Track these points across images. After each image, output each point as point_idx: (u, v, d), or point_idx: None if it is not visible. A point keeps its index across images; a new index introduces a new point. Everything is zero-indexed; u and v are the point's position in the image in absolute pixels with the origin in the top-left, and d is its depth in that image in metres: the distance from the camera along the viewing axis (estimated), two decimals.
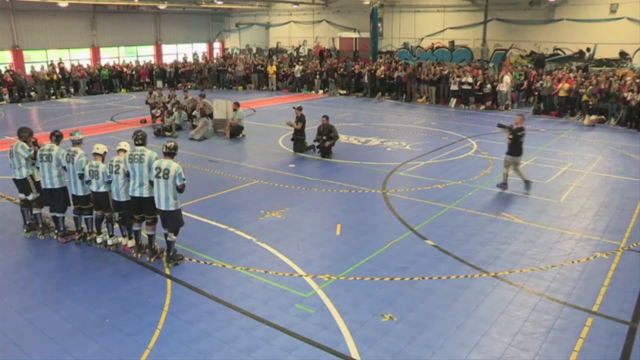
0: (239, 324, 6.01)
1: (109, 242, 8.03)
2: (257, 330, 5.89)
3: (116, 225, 8.11)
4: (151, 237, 7.72)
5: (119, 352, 5.50)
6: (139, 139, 7.56)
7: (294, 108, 14.39)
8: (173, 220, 7.36)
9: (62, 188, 8.16)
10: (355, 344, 5.60)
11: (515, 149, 10.77)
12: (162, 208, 7.28)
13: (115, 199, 7.67)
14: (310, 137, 14.11)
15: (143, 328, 5.93)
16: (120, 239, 8.06)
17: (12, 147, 8.26)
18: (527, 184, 10.80)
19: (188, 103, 18.02)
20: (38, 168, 8.18)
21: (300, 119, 13.99)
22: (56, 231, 8.45)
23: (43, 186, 8.18)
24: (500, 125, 11.27)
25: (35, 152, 8.24)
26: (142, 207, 7.55)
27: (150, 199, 7.42)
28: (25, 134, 8.28)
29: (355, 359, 5.37)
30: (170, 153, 7.32)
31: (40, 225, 8.55)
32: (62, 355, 5.48)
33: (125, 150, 7.68)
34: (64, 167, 8.02)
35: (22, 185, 8.33)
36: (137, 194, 7.46)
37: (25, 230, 8.58)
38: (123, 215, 7.83)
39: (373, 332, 5.81)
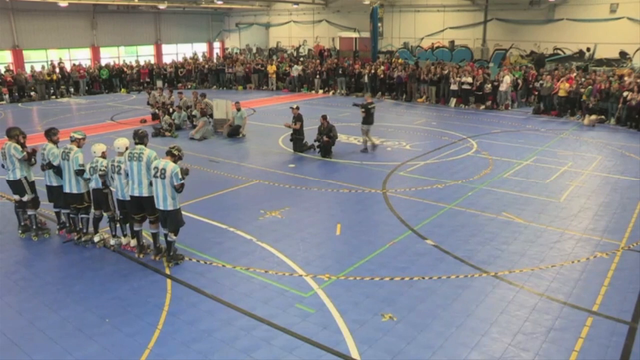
0: (239, 324, 6.01)
1: (111, 241, 8.03)
2: (257, 330, 5.89)
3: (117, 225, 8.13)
4: (155, 236, 7.72)
5: (119, 352, 5.50)
6: (137, 138, 7.55)
7: (291, 108, 14.39)
8: (172, 221, 7.35)
9: (60, 186, 8.16)
10: (355, 344, 5.60)
11: (368, 119, 13.85)
12: (161, 208, 7.27)
13: (120, 198, 7.67)
14: (309, 136, 14.11)
15: (143, 328, 5.93)
16: (122, 239, 8.06)
17: (5, 149, 8.16)
18: (374, 146, 14.22)
19: (184, 103, 18.03)
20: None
21: (298, 119, 13.98)
22: (59, 226, 8.51)
23: (45, 183, 8.29)
24: (355, 104, 14.17)
25: (28, 153, 8.23)
26: (142, 207, 7.54)
27: (151, 198, 7.40)
28: (16, 133, 8.21)
29: (355, 359, 5.37)
30: (172, 154, 7.30)
31: (34, 227, 8.45)
32: (62, 355, 5.48)
33: (104, 156, 7.83)
34: (49, 163, 8.05)
35: (16, 186, 8.26)
36: (136, 194, 7.44)
37: (20, 231, 8.55)
38: (126, 214, 7.83)
39: (373, 332, 5.81)
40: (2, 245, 8.28)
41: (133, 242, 7.95)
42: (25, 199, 8.32)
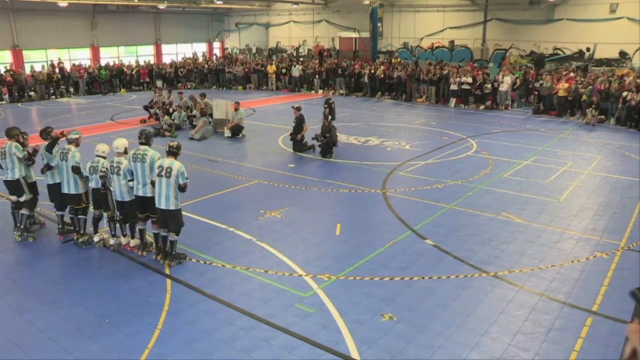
0: (239, 324, 6.01)
1: (111, 242, 8.03)
2: (257, 330, 5.89)
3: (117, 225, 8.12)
4: (157, 236, 7.71)
5: (119, 352, 5.50)
6: (142, 139, 7.57)
7: (293, 108, 14.40)
8: (173, 221, 7.35)
9: (57, 184, 8.17)
10: (355, 344, 5.60)
11: (331, 114, 14.76)
12: (163, 207, 7.25)
13: (119, 199, 7.67)
14: (309, 136, 14.11)
15: (143, 328, 5.93)
16: (122, 239, 8.06)
17: (5, 149, 8.11)
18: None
19: (184, 104, 18.01)
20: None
21: (300, 120, 13.98)
22: (59, 228, 8.49)
23: (47, 182, 8.30)
24: (325, 117, 14.24)
25: (29, 152, 8.23)
26: (147, 207, 7.55)
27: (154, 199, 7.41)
28: (16, 133, 8.20)
29: (355, 359, 5.36)
30: (173, 152, 7.32)
31: (22, 227, 8.34)
32: (62, 355, 5.48)
33: (104, 157, 7.81)
34: (48, 165, 8.07)
35: (14, 186, 8.20)
36: (141, 194, 7.49)
37: (16, 233, 8.51)
38: (125, 214, 7.83)
39: (373, 332, 5.81)
40: (2, 245, 8.27)
41: (133, 242, 7.95)
42: (23, 199, 8.28)
